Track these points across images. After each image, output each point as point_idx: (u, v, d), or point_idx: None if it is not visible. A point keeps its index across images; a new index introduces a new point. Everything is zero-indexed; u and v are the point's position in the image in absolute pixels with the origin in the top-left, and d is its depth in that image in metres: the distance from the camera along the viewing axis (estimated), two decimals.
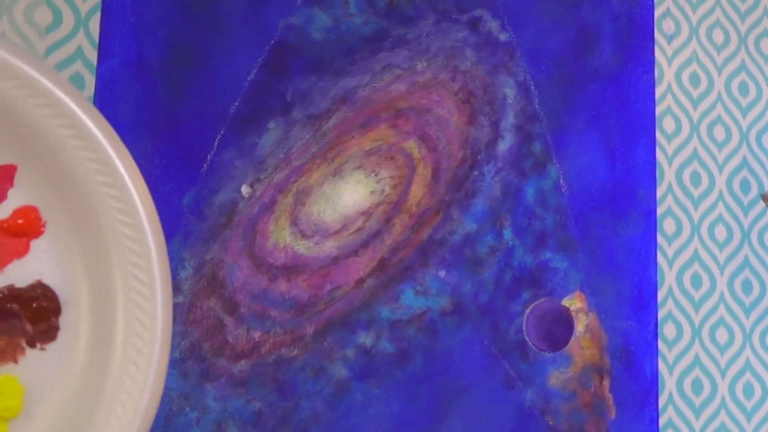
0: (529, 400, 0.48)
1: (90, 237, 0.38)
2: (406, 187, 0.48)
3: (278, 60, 0.47)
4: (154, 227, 0.37)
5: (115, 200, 0.37)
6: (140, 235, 0.37)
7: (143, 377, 0.36)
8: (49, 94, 0.36)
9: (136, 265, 0.37)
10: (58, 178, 0.38)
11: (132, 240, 0.37)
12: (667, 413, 0.51)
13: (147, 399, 0.36)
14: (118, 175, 0.37)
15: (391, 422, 0.46)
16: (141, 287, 0.37)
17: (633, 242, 0.51)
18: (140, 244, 0.37)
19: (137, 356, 0.36)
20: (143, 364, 0.36)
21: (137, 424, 0.36)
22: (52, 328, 0.38)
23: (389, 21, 0.48)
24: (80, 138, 0.37)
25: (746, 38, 0.55)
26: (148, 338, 0.36)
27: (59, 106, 0.37)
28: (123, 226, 0.37)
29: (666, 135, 0.53)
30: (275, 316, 0.45)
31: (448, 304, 0.48)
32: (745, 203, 0.54)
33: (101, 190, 0.37)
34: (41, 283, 0.38)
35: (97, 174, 0.37)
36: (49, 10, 0.44)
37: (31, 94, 0.36)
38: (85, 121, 0.37)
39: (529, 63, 0.50)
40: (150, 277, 0.37)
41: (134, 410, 0.36)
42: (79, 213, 0.38)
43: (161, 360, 0.36)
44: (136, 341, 0.36)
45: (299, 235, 0.46)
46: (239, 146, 0.46)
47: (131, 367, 0.36)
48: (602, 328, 0.50)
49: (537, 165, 0.50)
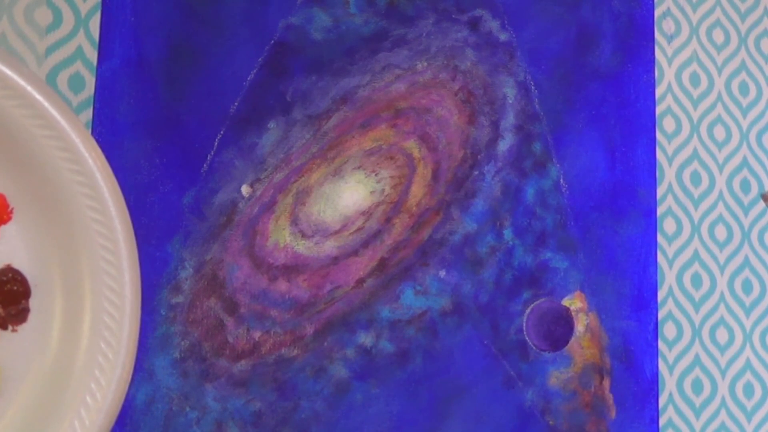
0: (529, 400, 0.48)
1: (58, 221, 0.39)
2: (406, 187, 0.48)
3: (278, 60, 0.47)
4: (120, 210, 0.39)
5: (81, 185, 0.38)
6: (107, 219, 0.38)
7: (114, 353, 0.38)
8: (14, 85, 0.37)
9: (104, 246, 0.38)
10: (24, 166, 0.39)
11: (99, 223, 0.38)
12: (667, 413, 0.51)
13: (119, 374, 0.38)
14: (84, 161, 0.38)
15: (391, 422, 0.46)
16: (109, 268, 0.38)
17: (633, 242, 0.51)
18: (107, 228, 0.38)
19: (108, 334, 0.38)
20: (114, 341, 0.38)
21: (110, 398, 0.38)
22: (23, 310, 0.39)
23: (389, 21, 0.48)
24: (46, 127, 0.38)
25: (746, 38, 0.55)
26: (118, 316, 0.38)
27: (25, 96, 0.37)
28: (90, 210, 0.38)
29: (666, 135, 0.53)
30: (275, 316, 0.45)
31: (448, 304, 0.48)
32: (745, 203, 0.54)
33: (68, 176, 0.38)
34: (11, 267, 0.40)
35: (64, 161, 0.38)
36: (49, 10, 0.44)
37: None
38: (49, 110, 0.38)
39: (529, 63, 0.50)
40: (117, 257, 0.38)
41: (107, 386, 0.38)
42: (47, 198, 0.39)
43: (131, 336, 0.38)
44: (106, 319, 0.38)
45: (299, 235, 0.46)
46: (239, 146, 0.46)
47: (102, 344, 0.38)
48: (602, 328, 0.50)
49: (537, 165, 0.50)
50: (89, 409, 0.38)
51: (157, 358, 0.44)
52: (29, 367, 0.39)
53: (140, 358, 0.43)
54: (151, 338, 0.44)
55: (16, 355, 0.39)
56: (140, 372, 0.43)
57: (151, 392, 0.43)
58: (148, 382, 0.43)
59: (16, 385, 0.39)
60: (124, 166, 0.44)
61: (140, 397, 0.43)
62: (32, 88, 0.38)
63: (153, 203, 0.44)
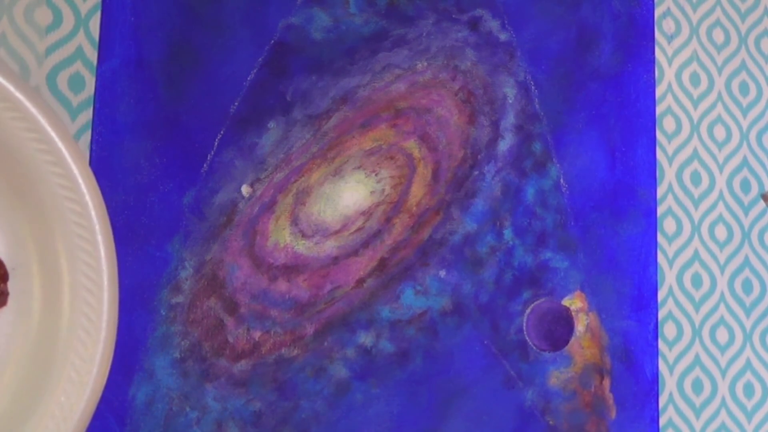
0: (529, 400, 0.48)
1: (30, 202, 0.40)
2: (406, 186, 0.48)
3: (278, 60, 0.47)
4: (91, 185, 0.39)
5: (51, 165, 0.39)
6: (78, 195, 0.39)
7: (95, 328, 0.39)
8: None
9: (77, 223, 0.39)
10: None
11: (71, 201, 0.39)
12: (668, 413, 0.51)
13: (101, 348, 0.39)
14: (50, 140, 0.39)
15: (391, 422, 0.46)
16: (84, 244, 0.39)
17: (633, 242, 0.51)
18: (79, 204, 0.39)
19: (88, 309, 0.39)
20: (94, 316, 0.39)
21: (95, 371, 0.38)
22: (2, 293, 0.40)
23: (389, 21, 0.48)
24: (12, 109, 0.38)
25: (746, 38, 0.55)
26: (96, 291, 0.39)
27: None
28: (61, 189, 0.39)
29: (666, 135, 0.53)
30: (275, 316, 0.45)
31: (448, 304, 0.48)
32: (746, 203, 0.54)
33: (36, 156, 0.39)
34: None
35: (32, 141, 0.39)
36: (49, 10, 0.44)
37: None
38: (13, 92, 0.38)
39: (529, 63, 0.50)
40: (92, 233, 0.39)
41: (90, 360, 0.38)
42: (19, 181, 0.40)
43: (111, 310, 0.39)
44: (85, 295, 0.39)
45: (299, 234, 0.46)
46: (239, 146, 0.46)
47: (83, 319, 0.39)
48: (602, 328, 0.50)
49: (537, 165, 0.50)
50: (74, 383, 0.38)
51: (157, 358, 0.44)
52: (11, 349, 0.40)
53: (140, 358, 0.43)
54: (151, 338, 0.44)
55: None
56: (140, 372, 0.43)
57: (151, 392, 0.43)
58: (148, 382, 0.43)
59: (0, 367, 0.40)
60: (124, 166, 0.44)
61: (140, 397, 0.43)
62: (5, 81, 0.38)
63: (153, 203, 0.44)
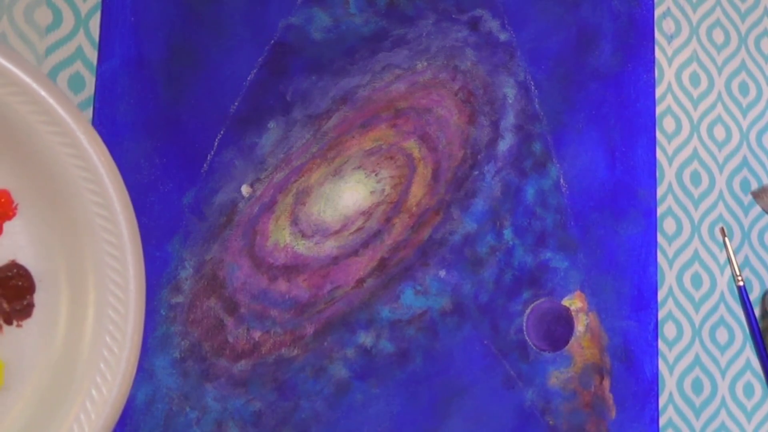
0: (529, 400, 0.48)
1: (62, 216, 0.40)
2: (406, 186, 0.48)
3: (278, 60, 0.47)
4: (124, 205, 0.39)
5: (86, 181, 0.39)
6: (111, 213, 0.39)
7: (120, 347, 0.38)
8: (18, 81, 0.38)
9: (108, 241, 0.39)
10: (28, 162, 0.39)
11: (103, 218, 0.39)
12: (668, 413, 0.51)
13: (124, 368, 0.38)
14: (88, 156, 0.39)
15: (391, 422, 0.46)
16: (113, 262, 0.39)
17: (633, 242, 0.51)
18: (111, 222, 0.39)
19: (113, 328, 0.39)
20: (119, 335, 0.39)
21: (116, 391, 0.38)
22: (28, 305, 0.40)
23: (389, 21, 0.48)
24: (51, 123, 0.38)
25: (746, 38, 0.55)
26: (123, 310, 0.39)
27: (29, 93, 0.38)
28: (94, 206, 0.39)
29: (666, 135, 0.53)
30: (275, 316, 0.45)
31: (448, 304, 0.48)
32: (745, 203, 0.54)
33: (73, 171, 0.39)
34: (15, 263, 0.40)
35: (69, 157, 0.38)
36: (49, 10, 0.44)
37: (1, 82, 0.38)
38: (54, 105, 0.38)
39: (529, 63, 0.50)
40: (122, 251, 0.39)
41: (113, 379, 0.38)
42: (51, 194, 0.39)
43: (136, 330, 0.39)
44: (111, 313, 0.39)
45: (299, 234, 0.46)
46: (239, 146, 0.46)
47: (107, 338, 0.39)
48: (602, 328, 0.50)
49: (537, 165, 0.50)
50: (95, 402, 0.38)
51: (157, 358, 0.44)
52: (35, 362, 0.40)
53: (140, 358, 0.43)
54: (151, 338, 0.44)
55: (22, 350, 0.40)
56: (140, 372, 0.43)
57: (151, 392, 0.43)
58: (148, 382, 0.43)
59: (23, 379, 0.40)
60: (124, 166, 0.44)
61: (140, 397, 0.43)
62: (36, 85, 0.38)
63: (153, 203, 0.44)
